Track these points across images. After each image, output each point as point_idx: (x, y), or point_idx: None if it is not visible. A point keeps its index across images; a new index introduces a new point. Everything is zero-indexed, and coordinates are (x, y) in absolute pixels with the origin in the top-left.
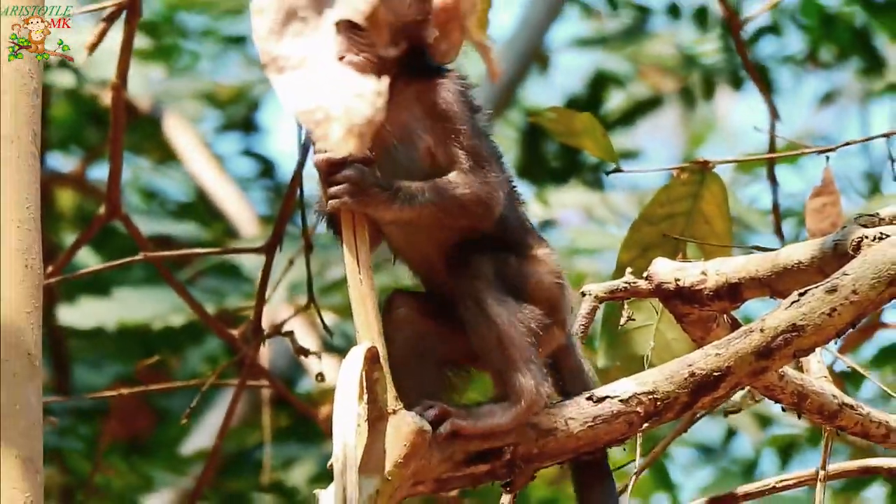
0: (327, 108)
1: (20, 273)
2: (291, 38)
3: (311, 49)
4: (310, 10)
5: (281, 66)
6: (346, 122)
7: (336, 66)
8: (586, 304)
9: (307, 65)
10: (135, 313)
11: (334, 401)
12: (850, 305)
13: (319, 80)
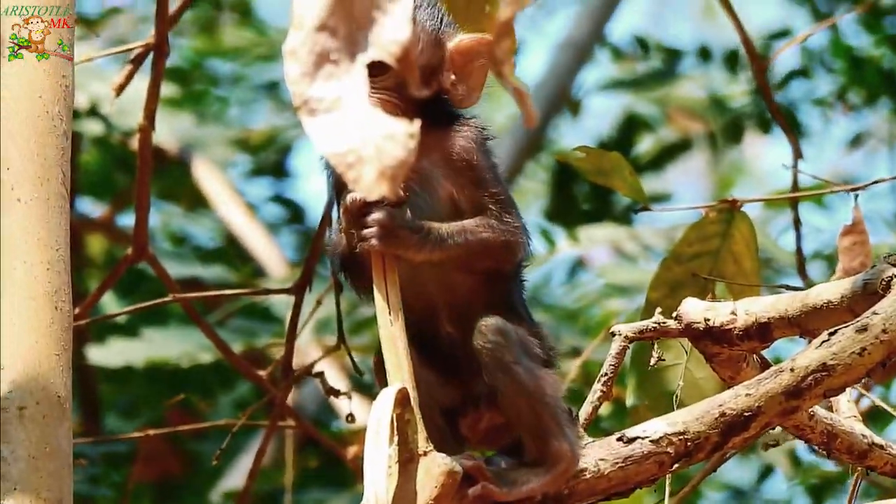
0: (359, 151)
1: (49, 315)
2: (324, 80)
3: (343, 91)
4: (342, 53)
5: (313, 108)
6: (378, 164)
7: (368, 109)
8: (616, 345)
9: (339, 107)
10: (163, 353)
11: (365, 442)
12: (880, 345)
13: (352, 123)
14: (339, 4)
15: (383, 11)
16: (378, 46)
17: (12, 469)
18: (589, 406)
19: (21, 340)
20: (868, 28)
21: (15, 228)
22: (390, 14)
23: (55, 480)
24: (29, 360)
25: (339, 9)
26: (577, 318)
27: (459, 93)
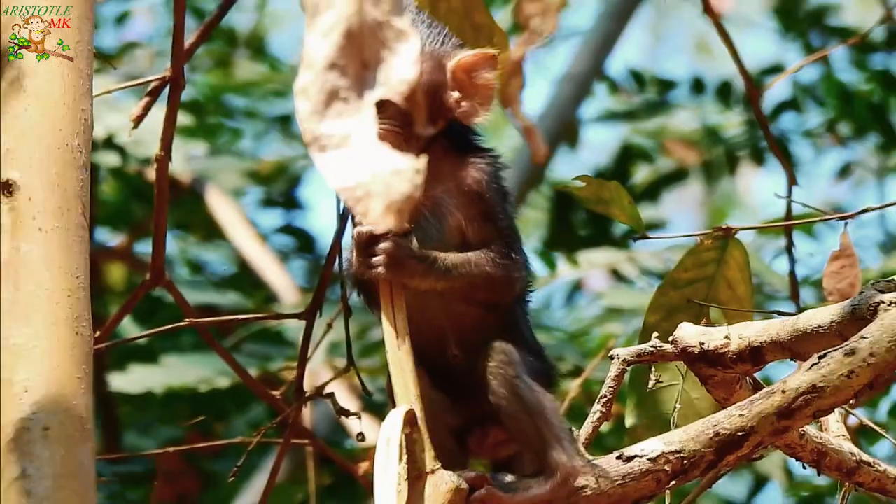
0: (368, 185)
1: (71, 340)
2: (333, 118)
3: (352, 128)
4: (351, 91)
5: (323, 144)
6: (385, 198)
7: (376, 145)
8: (614, 368)
9: (349, 144)
10: (181, 379)
11: (375, 461)
12: (867, 367)
13: (360, 159)
14: (349, 44)
15: (392, 52)
16: (387, 86)
17: (38, 487)
18: (589, 426)
19: (44, 364)
20: (857, 65)
21: (36, 257)
22: (399, 54)
23: (79, 498)
24: (52, 382)
25: (348, 48)
26: (577, 340)
27: (465, 109)
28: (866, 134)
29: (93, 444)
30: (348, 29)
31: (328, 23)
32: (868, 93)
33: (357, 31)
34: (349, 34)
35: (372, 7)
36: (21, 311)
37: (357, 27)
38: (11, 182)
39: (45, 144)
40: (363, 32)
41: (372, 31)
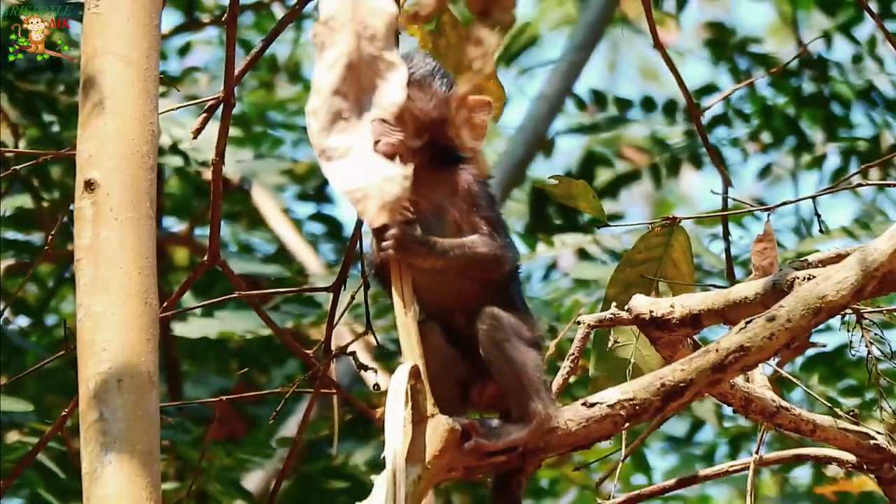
0: (365, 189)
1: (140, 310)
2: (337, 134)
3: (353, 142)
4: (351, 112)
5: (329, 156)
6: (379, 199)
7: (372, 156)
8: (580, 331)
9: (350, 155)
10: (231, 328)
11: (386, 406)
12: (785, 331)
13: (359, 167)
14: (349, 74)
15: (384, 80)
16: (380, 107)
17: (113, 427)
18: (560, 378)
19: (118, 329)
20: (775, 86)
21: (114, 241)
22: (389, 82)
23: (147, 436)
24: (125, 343)
25: (348, 78)
26: (552, 306)
27: (462, 140)
28: (783, 141)
29: (157, 393)
30: (349, 62)
31: (332, 56)
32: (783, 107)
33: (356, 63)
34: (349, 66)
35: (368, 44)
36: (100, 286)
37: (356, 60)
38: (93, 181)
39: (120, 151)
40: (361, 64)
41: (368, 63)
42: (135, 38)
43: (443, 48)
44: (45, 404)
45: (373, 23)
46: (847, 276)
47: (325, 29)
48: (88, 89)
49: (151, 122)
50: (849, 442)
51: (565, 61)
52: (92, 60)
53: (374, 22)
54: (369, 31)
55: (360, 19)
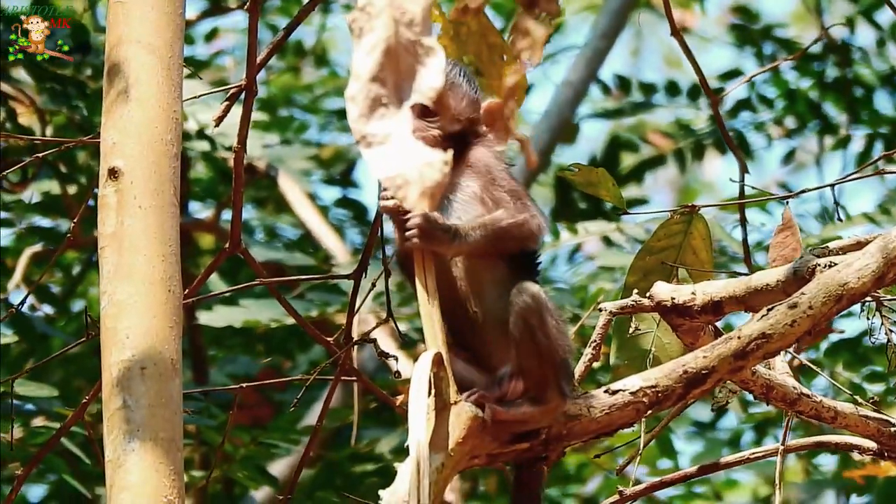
0: (406, 175)
1: (164, 297)
2: (377, 120)
3: (392, 128)
4: (391, 97)
5: (369, 142)
6: (420, 185)
7: (412, 141)
8: (602, 318)
9: (389, 141)
10: (256, 316)
11: (409, 394)
12: (806, 318)
13: (399, 153)
14: (388, 60)
15: (423, 65)
16: (419, 92)
17: (136, 415)
18: (582, 365)
19: (142, 316)
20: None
21: (137, 229)
22: (428, 67)
23: (169, 424)
24: (148, 330)
25: (387, 64)
26: (577, 293)
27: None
28: (806, 126)
29: (180, 381)
30: (387, 47)
31: (371, 42)
32: (807, 91)
33: (394, 49)
34: (388, 51)
35: (405, 29)
36: (124, 273)
37: (394, 46)
38: (117, 169)
39: (144, 139)
40: (399, 50)
41: (406, 49)
42: (159, 26)
43: (464, 36)
44: (71, 390)
45: (410, 8)
46: (868, 264)
47: (363, 15)
48: (113, 77)
49: (175, 110)
50: (870, 429)
51: (590, 48)
52: (116, 49)
53: (412, 7)
54: (407, 16)
55: (398, 5)
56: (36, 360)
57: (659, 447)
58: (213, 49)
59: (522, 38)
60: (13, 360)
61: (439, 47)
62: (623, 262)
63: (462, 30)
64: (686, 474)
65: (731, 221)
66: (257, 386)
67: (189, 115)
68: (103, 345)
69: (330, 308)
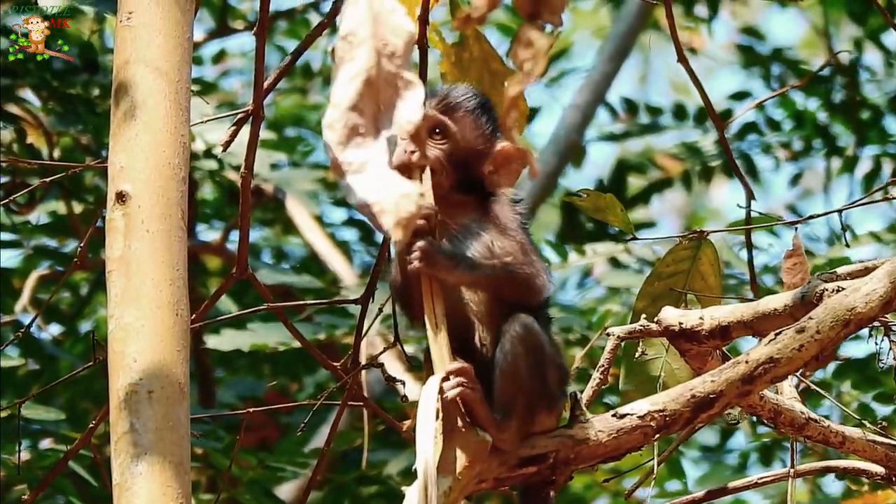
0: (381, 204)
1: (171, 321)
2: (353, 148)
3: (369, 157)
4: (368, 128)
5: (345, 170)
6: (395, 216)
7: (388, 172)
8: (610, 343)
9: (365, 170)
10: (264, 339)
11: (416, 418)
12: (814, 342)
13: (375, 182)
14: (367, 90)
15: (402, 98)
16: (397, 124)
17: (143, 438)
18: (590, 389)
19: (150, 340)
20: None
21: (145, 253)
22: (407, 100)
23: (177, 447)
24: (156, 354)
25: (366, 94)
26: (585, 315)
27: (494, 180)
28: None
29: (188, 404)
30: (367, 78)
31: (351, 72)
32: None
33: (374, 80)
34: (368, 82)
35: (387, 61)
36: (132, 297)
37: (374, 77)
38: (125, 193)
39: (151, 163)
40: (379, 81)
41: (386, 80)
42: (166, 50)
43: (466, 61)
44: (78, 411)
45: (393, 40)
46: (875, 289)
47: (345, 44)
48: (120, 101)
49: (183, 134)
50: (877, 454)
51: (597, 71)
52: (123, 72)
53: (394, 40)
54: (389, 48)
55: (381, 36)
56: (43, 381)
57: (668, 468)
58: (222, 68)
59: (525, 49)
60: (20, 381)
61: (419, 81)
62: (630, 282)
63: (464, 55)
64: (693, 499)
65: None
66: (265, 411)
67: (197, 135)
68: (111, 368)
69: (338, 331)
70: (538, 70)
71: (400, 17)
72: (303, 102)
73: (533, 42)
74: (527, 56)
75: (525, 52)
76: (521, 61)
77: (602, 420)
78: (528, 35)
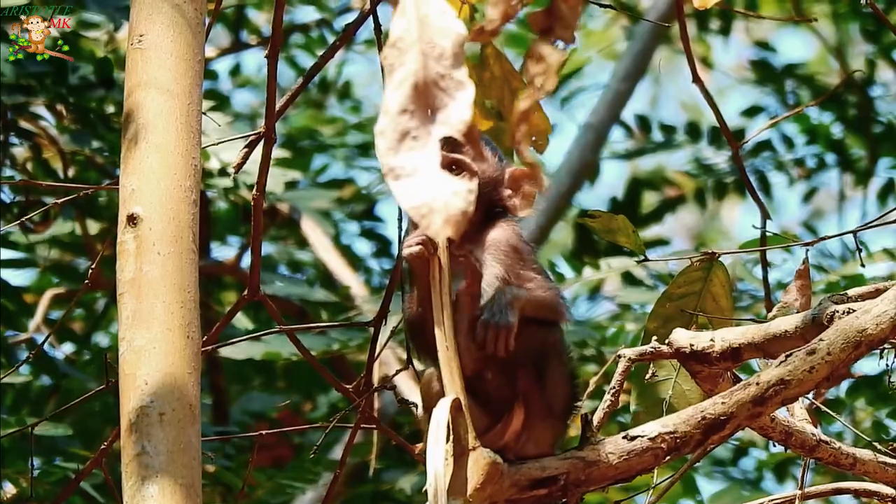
0: (431, 204)
1: (183, 343)
2: (406, 152)
3: (420, 160)
4: (419, 131)
5: (398, 174)
6: (444, 213)
7: (439, 172)
8: (622, 365)
9: (417, 173)
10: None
11: (427, 439)
12: (825, 364)
13: (425, 184)
14: (416, 93)
15: (452, 98)
16: (448, 125)
17: (154, 461)
18: (601, 412)
19: (160, 362)
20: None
21: (156, 275)
22: (457, 100)
23: (188, 469)
24: (167, 376)
25: (415, 97)
26: (599, 329)
27: (513, 203)
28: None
29: (199, 426)
30: (415, 81)
31: (400, 76)
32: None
33: (422, 82)
34: (416, 85)
35: (435, 63)
36: (143, 319)
37: (423, 79)
38: (136, 215)
39: (162, 186)
40: (428, 83)
41: (435, 82)
42: (177, 73)
43: (487, 80)
44: (88, 429)
45: (440, 42)
46: (886, 310)
47: (394, 51)
48: (130, 123)
49: (194, 156)
50: (888, 475)
51: (611, 91)
52: (134, 94)
53: (442, 41)
54: (437, 50)
55: (428, 39)
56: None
57: (682, 486)
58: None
59: (536, 64)
60: (33, 397)
61: (469, 82)
62: (643, 298)
63: (485, 75)
64: None
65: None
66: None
67: (212, 155)
68: (122, 391)
69: (351, 343)
70: (549, 85)
71: (448, 18)
72: (319, 117)
73: (545, 57)
74: (538, 71)
75: (537, 66)
76: (532, 76)
77: (613, 442)
78: (541, 50)
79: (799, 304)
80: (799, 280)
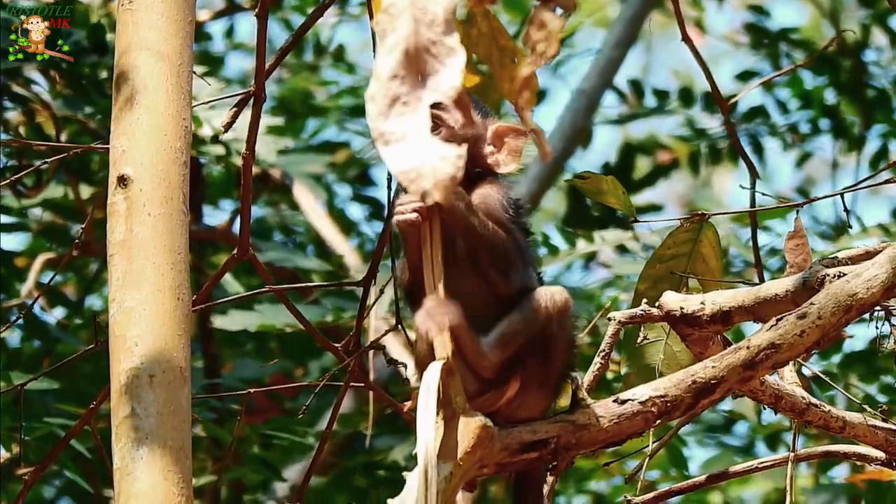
0: (420, 169)
1: (173, 304)
2: (396, 117)
3: (410, 126)
4: (409, 96)
5: (387, 139)
6: (433, 178)
7: (428, 138)
8: (611, 327)
9: (407, 138)
10: (271, 321)
11: (417, 403)
12: (815, 328)
13: (415, 149)
14: (407, 59)
15: (443, 64)
16: (438, 91)
17: (144, 423)
18: (591, 374)
19: (151, 324)
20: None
21: (146, 237)
22: (448, 66)
23: (178, 432)
24: (157, 338)
25: (406, 62)
26: (592, 300)
27: (495, 160)
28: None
29: (189, 389)
30: (407, 47)
31: (391, 42)
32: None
33: (414, 49)
34: (408, 51)
35: (426, 29)
36: (133, 281)
37: (413, 45)
38: (127, 177)
39: (153, 147)
40: (419, 49)
41: (426, 48)
42: (168, 33)
43: (474, 37)
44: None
45: (432, 8)
46: (877, 274)
47: (387, 17)
48: (121, 84)
49: (185, 117)
50: (878, 438)
51: (603, 56)
52: (125, 56)
53: (434, 7)
54: (428, 16)
55: (420, 5)
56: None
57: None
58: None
59: (538, 31)
60: (25, 361)
61: (461, 48)
62: (637, 270)
63: (472, 32)
64: (694, 483)
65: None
66: (268, 391)
67: (204, 121)
68: (112, 353)
69: (345, 314)
70: (551, 51)
71: None
72: (311, 79)
73: (546, 24)
74: (540, 37)
75: (538, 33)
76: (533, 42)
77: (603, 405)
78: (542, 17)
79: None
80: (793, 240)
